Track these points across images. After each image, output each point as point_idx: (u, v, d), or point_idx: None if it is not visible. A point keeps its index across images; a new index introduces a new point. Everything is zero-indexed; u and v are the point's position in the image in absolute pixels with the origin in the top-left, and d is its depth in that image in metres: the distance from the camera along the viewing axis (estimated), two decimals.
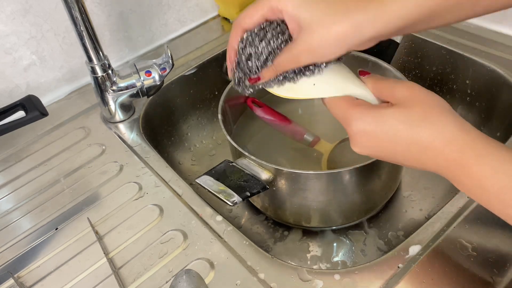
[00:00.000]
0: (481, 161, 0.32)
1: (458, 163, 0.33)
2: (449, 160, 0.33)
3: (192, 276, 0.41)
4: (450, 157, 0.33)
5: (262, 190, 0.51)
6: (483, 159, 0.32)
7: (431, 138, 0.33)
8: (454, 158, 0.33)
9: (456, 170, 0.33)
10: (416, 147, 0.34)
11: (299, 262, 0.58)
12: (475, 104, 0.70)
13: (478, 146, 0.33)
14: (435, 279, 0.42)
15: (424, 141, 0.34)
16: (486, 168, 0.32)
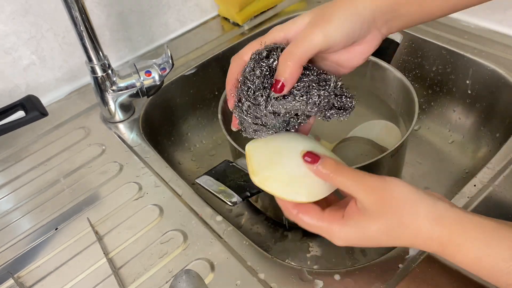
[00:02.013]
0: (462, 250, 0.33)
1: (443, 253, 0.34)
2: (435, 251, 0.35)
3: (192, 276, 0.41)
4: (434, 249, 0.34)
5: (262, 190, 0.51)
6: (464, 247, 0.33)
7: (412, 241, 0.35)
8: (437, 250, 0.34)
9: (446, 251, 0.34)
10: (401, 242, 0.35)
11: (299, 262, 0.58)
12: (475, 104, 0.70)
13: (455, 234, 0.33)
14: (436, 279, 0.42)
15: (406, 243, 0.35)
16: (470, 257, 0.33)
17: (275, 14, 0.85)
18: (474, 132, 0.70)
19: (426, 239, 0.34)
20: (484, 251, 0.33)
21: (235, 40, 0.80)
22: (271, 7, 0.87)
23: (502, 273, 0.32)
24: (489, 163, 0.53)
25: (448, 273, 0.43)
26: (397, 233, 0.35)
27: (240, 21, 0.83)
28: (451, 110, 0.73)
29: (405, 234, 0.35)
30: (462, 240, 0.33)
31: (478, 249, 0.33)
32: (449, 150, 0.71)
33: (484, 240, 0.33)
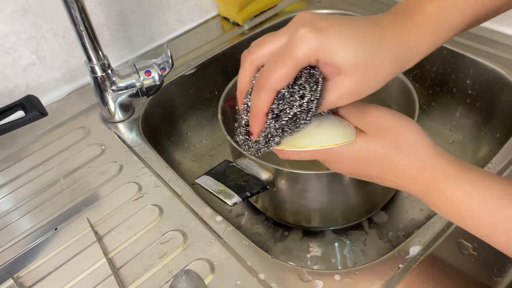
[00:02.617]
0: (453, 184, 0.33)
1: (431, 188, 0.34)
2: (423, 185, 0.35)
3: (191, 277, 0.41)
4: (424, 182, 0.34)
5: (262, 190, 0.51)
6: (456, 182, 0.33)
7: (405, 167, 0.35)
8: (428, 183, 0.34)
9: (430, 194, 0.34)
10: (391, 172, 0.36)
11: (299, 262, 0.58)
12: (475, 104, 0.70)
13: (450, 170, 0.34)
14: (436, 279, 0.42)
15: (398, 169, 0.35)
16: (459, 192, 0.33)
17: (275, 14, 0.85)
18: (474, 132, 0.70)
19: (420, 169, 0.34)
20: (475, 187, 0.32)
21: (235, 40, 0.80)
22: (271, 7, 0.87)
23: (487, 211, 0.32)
24: (490, 163, 0.53)
25: (448, 273, 0.43)
26: (391, 157, 0.35)
27: (240, 21, 0.83)
28: (451, 110, 0.73)
29: (400, 158, 0.35)
30: (457, 173, 0.33)
31: (471, 185, 0.33)
32: (450, 150, 0.71)
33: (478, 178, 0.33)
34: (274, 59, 0.34)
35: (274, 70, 0.33)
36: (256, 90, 0.35)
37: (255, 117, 0.35)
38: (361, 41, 0.33)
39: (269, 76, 0.34)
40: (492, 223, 0.32)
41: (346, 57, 0.32)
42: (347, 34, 0.33)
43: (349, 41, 0.33)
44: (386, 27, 0.34)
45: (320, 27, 0.33)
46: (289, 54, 0.33)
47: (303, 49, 0.33)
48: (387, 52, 0.33)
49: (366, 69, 0.33)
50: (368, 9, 0.81)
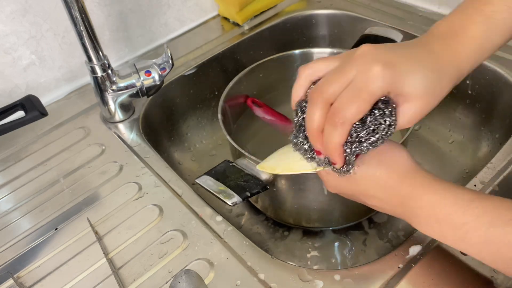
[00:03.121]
0: (428, 190, 0.36)
1: (409, 197, 0.37)
2: (402, 197, 0.37)
3: (191, 277, 0.41)
4: (402, 193, 0.37)
5: (262, 190, 0.51)
6: (431, 188, 0.36)
7: (386, 179, 0.38)
8: (406, 192, 0.37)
9: (409, 204, 0.37)
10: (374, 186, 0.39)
11: (299, 262, 0.58)
12: (475, 104, 0.70)
13: (426, 180, 0.37)
14: (436, 279, 0.42)
15: (380, 182, 0.38)
16: (434, 196, 0.36)
17: (275, 14, 0.85)
18: (474, 132, 0.70)
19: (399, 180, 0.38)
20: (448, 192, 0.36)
21: (235, 40, 0.80)
22: (271, 7, 0.87)
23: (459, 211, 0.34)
24: (489, 163, 0.53)
25: (448, 273, 0.43)
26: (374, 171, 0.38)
27: (240, 21, 0.83)
28: (451, 110, 0.73)
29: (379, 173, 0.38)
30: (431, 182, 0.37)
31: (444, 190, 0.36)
32: (449, 150, 0.71)
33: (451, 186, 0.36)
34: (349, 94, 0.35)
35: (351, 105, 0.35)
36: (333, 125, 0.36)
37: (336, 150, 0.37)
38: (427, 71, 0.36)
39: (346, 110, 0.35)
40: (464, 222, 0.34)
41: (416, 88, 0.35)
42: (415, 66, 0.36)
43: (418, 73, 0.35)
44: (441, 54, 0.37)
45: (391, 62, 0.35)
46: (367, 90, 0.34)
47: (380, 85, 0.34)
48: (446, 78, 0.37)
49: (431, 94, 0.36)
50: (368, 9, 0.81)
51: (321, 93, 0.36)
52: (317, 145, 0.38)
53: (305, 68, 0.39)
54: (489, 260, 0.34)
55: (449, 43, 0.38)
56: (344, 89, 0.35)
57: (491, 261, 0.34)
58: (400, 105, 0.36)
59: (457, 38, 0.38)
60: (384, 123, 0.36)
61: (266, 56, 0.68)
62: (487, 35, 0.38)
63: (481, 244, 0.34)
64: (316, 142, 0.38)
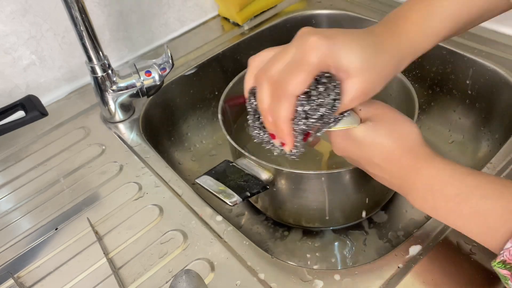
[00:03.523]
0: (429, 164, 0.38)
1: (411, 169, 0.38)
2: (405, 168, 0.39)
3: (191, 276, 0.41)
4: (405, 164, 0.39)
5: (262, 190, 0.51)
6: (432, 162, 0.38)
7: (392, 150, 0.39)
8: (409, 164, 0.38)
9: (410, 175, 0.38)
10: (379, 154, 0.40)
11: (299, 262, 0.58)
12: (475, 104, 0.70)
13: (430, 155, 0.38)
14: (435, 279, 0.42)
15: (385, 150, 0.39)
16: (433, 169, 0.37)
17: (275, 14, 0.85)
18: (474, 132, 0.70)
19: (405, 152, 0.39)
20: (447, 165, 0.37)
21: (235, 40, 0.80)
22: (271, 7, 0.87)
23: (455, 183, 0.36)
24: (489, 163, 0.53)
25: (448, 273, 0.43)
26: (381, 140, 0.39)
27: (240, 21, 0.83)
28: (451, 110, 0.73)
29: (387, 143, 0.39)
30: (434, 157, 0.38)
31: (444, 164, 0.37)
32: (449, 150, 0.71)
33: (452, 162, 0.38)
34: (289, 67, 0.36)
35: (291, 77, 0.36)
36: (277, 99, 0.36)
37: (282, 126, 0.37)
38: (364, 45, 0.37)
39: (287, 83, 0.36)
40: (457, 193, 0.35)
41: (354, 60, 0.36)
42: (352, 40, 0.36)
43: (354, 45, 0.36)
44: (380, 34, 0.39)
45: (328, 35, 0.36)
46: (304, 60, 0.35)
47: (317, 54, 0.35)
48: (386, 54, 0.38)
49: (371, 70, 0.37)
50: (368, 9, 0.81)
51: (265, 73, 0.37)
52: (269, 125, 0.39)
53: (254, 58, 0.41)
54: (475, 232, 0.35)
55: (389, 26, 0.40)
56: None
57: (477, 233, 0.35)
58: (343, 82, 0.37)
59: (398, 22, 0.40)
60: (328, 97, 0.37)
61: None
62: (426, 21, 0.39)
63: (470, 215, 0.35)
64: (267, 122, 0.39)
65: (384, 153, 0.39)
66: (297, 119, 0.38)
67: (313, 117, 0.37)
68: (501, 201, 0.34)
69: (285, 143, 0.39)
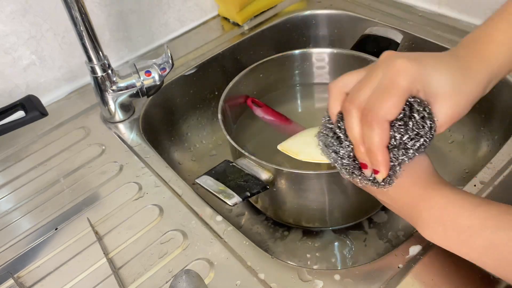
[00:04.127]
0: (438, 193, 0.37)
1: (420, 198, 0.37)
2: (414, 197, 0.38)
3: (191, 276, 0.41)
4: (415, 193, 0.38)
5: (262, 190, 0.51)
6: (441, 191, 0.37)
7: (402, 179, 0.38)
8: (418, 193, 0.38)
9: (418, 205, 0.37)
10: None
11: (299, 262, 0.58)
12: (475, 105, 0.69)
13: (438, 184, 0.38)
14: (435, 279, 0.42)
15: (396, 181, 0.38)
16: (443, 199, 0.36)
17: (275, 14, 0.85)
18: (474, 132, 0.70)
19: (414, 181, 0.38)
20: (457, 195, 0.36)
21: (235, 40, 0.80)
22: (271, 7, 0.87)
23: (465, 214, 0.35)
24: (489, 163, 0.53)
25: (448, 273, 0.43)
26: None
27: (240, 21, 0.83)
28: None
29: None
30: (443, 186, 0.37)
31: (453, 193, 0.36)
32: (449, 150, 0.71)
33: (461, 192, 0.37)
34: (378, 92, 0.35)
35: (382, 102, 0.34)
36: (368, 126, 0.35)
37: (378, 153, 0.36)
38: (453, 69, 0.36)
39: (378, 108, 0.34)
40: (469, 225, 0.34)
41: (444, 84, 0.35)
42: (440, 63, 0.35)
43: (444, 69, 0.35)
44: (465, 57, 0.37)
45: (414, 58, 0.35)
46: (393, 84, 0.34)
47: (406, 77, 0.34)
48: (475, 79, 0.37)
49: (461, 95, 0.36)
50: (368, 9, 0.81)
51: (352, 101, 0.36)
52: (360, 155, 0.37)
53: (335, 83, 0.39)
54: (491, 265, 0.34)
55: (474, 47, 0.38)
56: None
57: (493, 266, 0.34)
58: (431, 106, 0.36)
59: (482, 44, 0.38)
60: (426, 124, 0.35)
61: (266, 56, 0.68)
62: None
63: (484, 248, 0.33)
64: (358, 152, 0.37)
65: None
66: (394, 148, 0.36)
67: (413, 147, 0.36)
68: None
69: (379, 171, 0.37)
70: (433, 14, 0.77)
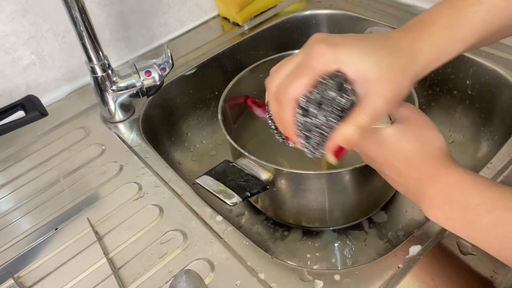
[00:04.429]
0: (448, 172, 0.37)
1: (429, 175, 0.37)
2: (424, 173, 0.38)
3: (191, 276, 0.41)
4: (425, 169, 0.38)
5: (262, 190, 0.51)
6: (452, 171, 0.37)
7: (414, 154, 0.38)
8: (429, 170, 0.37)
9: (427, 181, 0.37)
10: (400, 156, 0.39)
11: (299, 262, 0.58)
12: (475, 104, 0.70)
13: (451, 164, 0.38)
14: (435, 279, 0.42)
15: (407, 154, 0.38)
16: (453, 177, 0.36)
17: (275, 14, 0.85)
18: (474, 132, 0.70)
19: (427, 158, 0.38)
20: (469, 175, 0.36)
21: (235, 40, 0.80)
22: (271, 7, 0.87)
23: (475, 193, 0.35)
24: (489, 163, 0.53)
25: (448, 273, 0.43)
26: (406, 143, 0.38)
27: (240, 21, 0.83)
28: (451, 110, 0.73)
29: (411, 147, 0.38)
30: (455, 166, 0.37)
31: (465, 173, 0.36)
32: (449, 150, 0.70)
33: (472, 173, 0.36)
34: (292, 72, 0.36)
35: (290, 82, 0.36)
36: (278, 103, 0.37)
37: (287, 128, 0.37)
38: (377, 48, 0.35)
39: (286, 88, 0.36)
40: (478, 204, 0.34)
41: (368, 64, 0.34)
42: (362, 44, 0.35)
43: (366, 50, 0.35)
44: (398, 38, 0.37)
45: (334, 42, 0.35)
46: (306, 65, 0.35)
47: (320, 59, 0.35)
48: (402, 55, 0.36)
49: (390, 71, 0.35)
50: (368, 9, 0.81)
51: (272, 81, 0.38)
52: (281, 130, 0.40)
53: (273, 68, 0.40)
54: (495, 247, 0.34)
55: (411, 30, 0.37)
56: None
57: (497, 247, 0.34)
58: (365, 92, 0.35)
59: (422, 26, 0.37)
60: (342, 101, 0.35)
61: (266, 56, 0.68)
62: (454, 25, 0.37)
63: (490, 228, 0.33)
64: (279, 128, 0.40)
65: (406, 156, 0.38)
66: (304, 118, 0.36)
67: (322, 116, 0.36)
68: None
69: (294, 142, 0.39)
70: None
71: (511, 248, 0.32)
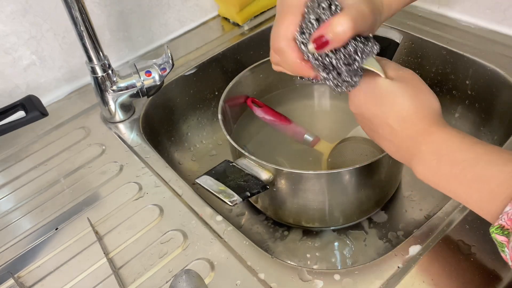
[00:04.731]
0: (440, 130, 0.37)
1: (423, 132, 0.38)
2: (417, 131, 0.38)
3: (192, 276, 0.41)
4: (418, 127, 0.38)
5: (262, 190, 0.51)
6: (444, 129, 0.37)
7: (410, 113, 0.38)
8: (421, 128, 0.38)
9: (419, 139, 0.38)
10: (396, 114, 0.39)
11: (299, 262, 0.58)
12: (475, 105, 0.70)
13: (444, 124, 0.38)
14: (435, 279, 0.42)
15: (403, 112, 0.38)
16: (444, 135, 0.37)
17: (275, 14, 0.85)
18: (474, 132, 0.70)
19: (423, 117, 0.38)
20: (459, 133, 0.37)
21: (235, 40, 0.80)
22: (271, 7, 0.87)
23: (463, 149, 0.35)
24: None
25: (448, 273, 0.43)
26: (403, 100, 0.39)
27: (240, 21, 0.83)
28: (451, 110, 0.73)
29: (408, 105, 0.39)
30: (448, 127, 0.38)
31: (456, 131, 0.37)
32: None
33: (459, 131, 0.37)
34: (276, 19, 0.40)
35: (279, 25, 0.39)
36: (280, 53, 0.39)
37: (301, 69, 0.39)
38: None
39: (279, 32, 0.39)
40: (464, 159, 0.35)
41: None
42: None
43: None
44: None
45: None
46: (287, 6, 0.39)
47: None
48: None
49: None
50: None
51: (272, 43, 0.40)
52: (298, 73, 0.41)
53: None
54: (474, 199, 0.35)
55: None
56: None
57: (476, 199, 0.34)
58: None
59: None
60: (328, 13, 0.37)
61: (266, 56, 0.68)
62: None
63: (473, 181, 0.34)
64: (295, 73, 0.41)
65: (402, 114, 0.39)
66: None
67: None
68: (507, 167, 0.33)
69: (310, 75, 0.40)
70: (433, 14, 0.77)
71: (490, 199, 0.33)
